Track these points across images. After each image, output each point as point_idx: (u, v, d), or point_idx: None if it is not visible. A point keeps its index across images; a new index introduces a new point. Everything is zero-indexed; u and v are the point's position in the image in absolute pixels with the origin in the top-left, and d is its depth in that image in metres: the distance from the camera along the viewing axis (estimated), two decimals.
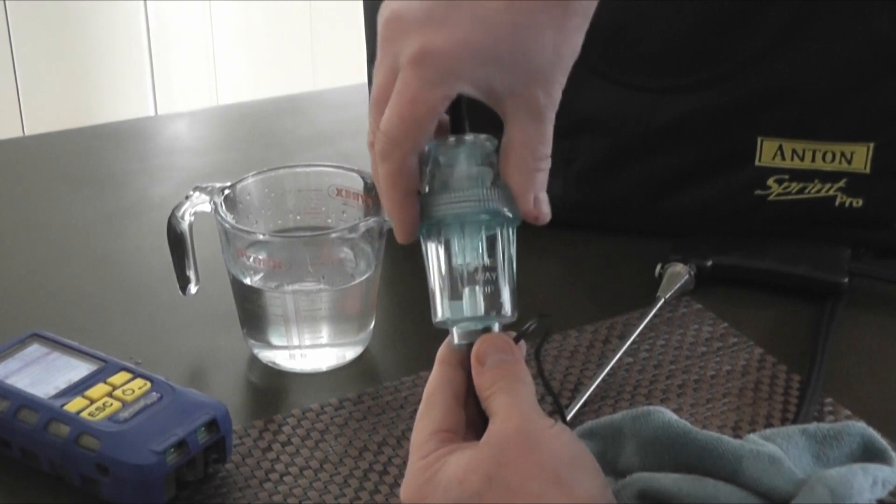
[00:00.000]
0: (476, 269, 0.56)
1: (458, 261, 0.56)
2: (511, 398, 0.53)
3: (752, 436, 0.64)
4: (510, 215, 0.56)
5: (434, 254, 0.57)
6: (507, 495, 0.51)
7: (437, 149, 0.57)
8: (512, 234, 0.57)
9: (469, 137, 0.57)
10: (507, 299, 0.56)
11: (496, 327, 0.57)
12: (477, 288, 0.56)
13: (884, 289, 0.86)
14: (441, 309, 0.57)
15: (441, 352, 0.57)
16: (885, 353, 0.80)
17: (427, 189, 0.57)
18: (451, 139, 0.57)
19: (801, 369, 0.77)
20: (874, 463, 0.63)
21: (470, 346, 0.56)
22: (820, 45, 0.84)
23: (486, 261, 0.56)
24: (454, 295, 0.56)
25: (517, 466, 0.51)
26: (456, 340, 0.57)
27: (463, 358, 0.57)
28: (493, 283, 0.56)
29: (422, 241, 0.57)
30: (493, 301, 0.56)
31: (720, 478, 0.62)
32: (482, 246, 0.56)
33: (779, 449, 0.63)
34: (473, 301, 0.56)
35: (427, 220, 0.56)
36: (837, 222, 0.89)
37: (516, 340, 0.57)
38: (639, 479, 0.62)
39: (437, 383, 0.56)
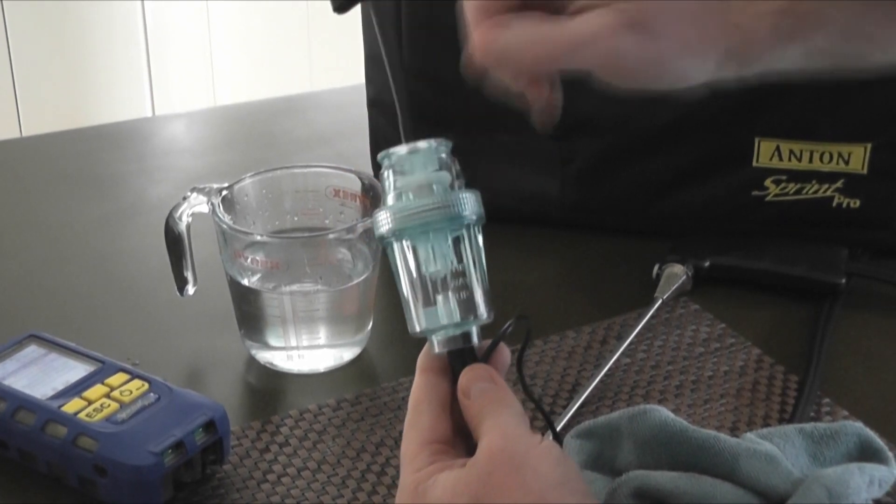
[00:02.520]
0: (447, 276, 0.56)
1: (427, 269, 0.56)
2: (495, 420, 0.53)
3: (749, 434, 0.64)
4: (474, 217, 0.56)
5: (403, 264, 0.57)
6: None
7: (394, 159, 0.57)
8: (478, 234, 0.57)
9: (423, 144, 0.57)
10: (481, 301, 0.56)
11: (474, 330, 0.56)
12: (450, 294, 0.56)
13: (881, 289, 0.86)
14: (417, 319, 0.56)
15: (422, 360, 0.57)
16: (882, 354, 0.80)
17: (389, 200, 0.57)
18: (407, 148, 0.57)
19: (799, 370, 0.77)
20: (871, 463, 0.63)
21: (451, 352, 0.56)
22: None
23: (456, 266, 0.56)
24: (428, 303, 0.56)
25: (502, 489, 0.51)
26: (436, 349, 0.57)
27: (445, 364, 0.56)
28: (465, 288, 0.56)
29: (389, 253, 0.57)
30: (467, 305, 0.56)
31: (717, 476, 0.62)
32: (450, 251, 0.56)
33: (776, 448, 0.63)
34: (448, 308, 0.56)
35: (392, 232, 0.56)
36: (835, 223, 0.89)
37: (495, 343, 0.57)
38: (635, 478, 0.62)
39: (422, 392, 0.56)
